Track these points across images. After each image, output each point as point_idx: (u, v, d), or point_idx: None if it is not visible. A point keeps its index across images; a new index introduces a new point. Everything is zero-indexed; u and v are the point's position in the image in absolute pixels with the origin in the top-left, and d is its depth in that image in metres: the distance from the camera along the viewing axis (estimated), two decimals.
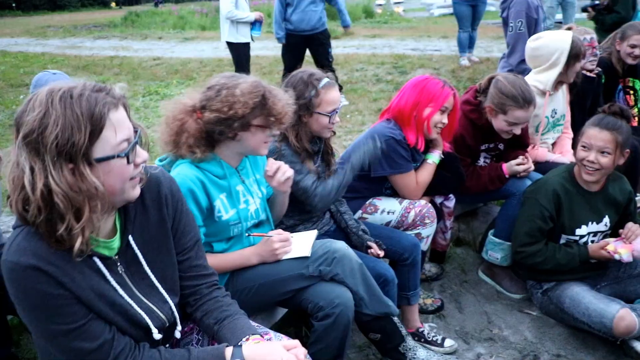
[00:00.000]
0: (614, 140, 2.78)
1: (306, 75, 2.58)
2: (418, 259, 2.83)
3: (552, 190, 2.92)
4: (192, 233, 1.84)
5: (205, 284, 1.87)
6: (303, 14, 6.95)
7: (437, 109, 2.85)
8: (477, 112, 3.24)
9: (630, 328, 2.64)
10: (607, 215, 2.98)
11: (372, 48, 11.80)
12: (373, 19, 19.39)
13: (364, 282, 2.28)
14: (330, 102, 2.57)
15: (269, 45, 12.04)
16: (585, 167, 2.86)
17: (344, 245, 2.29)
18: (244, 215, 2.27)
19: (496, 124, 3.17)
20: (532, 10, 4.93)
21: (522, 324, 3.08)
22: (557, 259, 2.92)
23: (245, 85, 2.08)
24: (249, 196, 2.31)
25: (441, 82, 2.88)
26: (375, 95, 7.83)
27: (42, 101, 1.38)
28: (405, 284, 2.83)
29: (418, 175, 2.99)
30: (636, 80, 4.38)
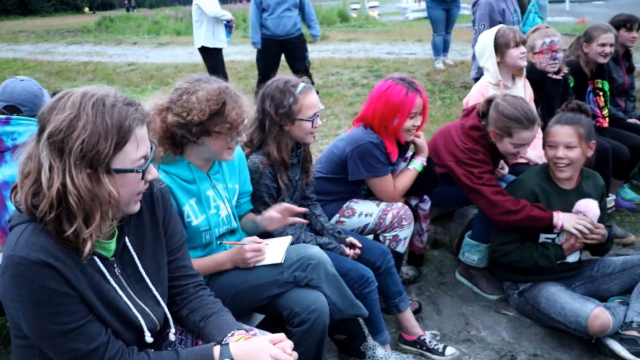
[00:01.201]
0: (576, 133, 2.87)
1: (281, 83, 2.56)
2: (391, 265, 2.82)
3: (530, 189, 2.97)
4: (180, 234, 1.87)
5: (191, 283, 1.89)
6: (278, 19, 6.95)
7: (404, 118, 2.86)
8: (478, 129, 3.13)
9: (604, 326, 2.69)
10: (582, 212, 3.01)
11: (348, 52, 11.83)
12: (348, 23, 19.47)
13: (338, 287, 2.29)
14: (311, 106, 2.56)
15: (244, 50, 12.01)
16: (557, 165, 2.92)
17: (318, 251, 2.29)
18: (214, 221, 2.26)
19: (502, 147, 3.07)
20: (495, 13, 5.00)
21: (499, 325, 3.10)
22: (534, 258, 2.96)
23: (203, 93, 2.07)
24: (219, 201, 2.30)
25: (404, 88, 2.85)
26: (351, 99, 7.85)
27: (74, 103, 1.41)
28: (389, 293, 2.83)
29: (398, 181, 3.00)
30: (605, 82, 4.46)
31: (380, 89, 2.94)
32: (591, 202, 2.96)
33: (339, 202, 3.03)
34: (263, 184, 2.53)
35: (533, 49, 3.92)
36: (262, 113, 2.57)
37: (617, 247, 3.88)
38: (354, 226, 3.00)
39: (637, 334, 2.73)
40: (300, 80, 2.60)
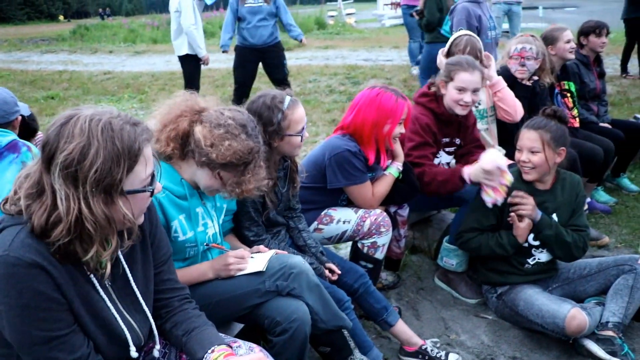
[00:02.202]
0: (540, 139, 2.92)
1: (268, 99, 2.51)
2: (369, 286, 2.81)
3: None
4: (166, 247, 1.87)
5: (177, 297, 1.88)
6: (254, 29, 6.93)
7: (395, 124, 2.89)
8: (434, 101, 3.32)
9: (581, 327, 2.73)
10: (554, 213, 3.05)
11: (325, 59, 11.88)
12: (325, 30, 19.58)
13: (320, 297, 2.28)
14: (299, 120, 2.55)
15: (221, 57, 11.96)
16: (522, 167, 3.00)
17: (300, 260, 2.28)
18: (201, 238, 2.24)
19: (448, 97, 3.25)
20: (472, 19, 5.07)
21: (478, 329, 3.13)
22: (491, 246, 3.02)
23: (237, 145, 2.04)
24: (208, 219, 2.28)
25: (393, 95, 2.90)
26: (328, 106, 7.87)
27: (83, 130, 1.40)
28: (374, 311, 2.81)
29: (376, 187, 3.01)
30: (570, 83, 4.55)
31: (369, 96, 2.93)
32: (492, 152, 3.05)
33: (317, 210, 3.03)
34: (249, 200, 2.49)
35: (507, 54, 4.00)
36: None
37: (593, 248, 3.93)
38: (332, 233, 3.00)
39: (612, 333, 2.77)
40: (284, 93, 2.56)
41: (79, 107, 1.48)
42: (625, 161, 4.93)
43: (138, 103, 8.92)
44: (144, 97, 9.19)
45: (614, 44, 10.77)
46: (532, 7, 28.92)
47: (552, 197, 3.06)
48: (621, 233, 4.21)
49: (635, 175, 5.27)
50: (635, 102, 7.68)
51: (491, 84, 3.80)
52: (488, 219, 3.06)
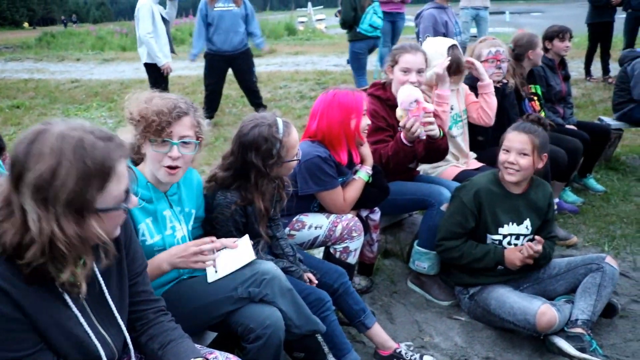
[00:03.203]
0: (531, 142, 2.96)
1: (265, 130, 2.43)
2: (348, 286, 2.81)
3: (475, 190, 3.05)
4: (141, 259, 1.84)
5: (152, 309, 1.85)
6: (224, 34, 6.88)
7: (360, 116, 2.92)
8: (381, 88, 3.48)
9: (551, 322, 2.79)
10: (528, 218, 3.11)
11: (295, 65, 11.89)
12: (295, 36, 19.61)
13: (293, 302, 2.27)
14: (294, 144, 2.53)
15: (191, 65, 11.87)
16: (507, 169, 3.01)
17: (272, 266, 2.27)
18: (169, 241, 2.22)
19: (395, 81, 3.37)
20: (439, 25, 5.14)
21: (452, 330, 3.15)
22: (473, 254, 3.04)
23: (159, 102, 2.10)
24: (176, 222, 2.26)
25: (349, 90, 2.94)
26: (299, 112, 7.88)
27: (53, 149, 1.35)
28: (352, 313, 2.82)
29: (346, 192, 3.01)
30: (537, 86, 4.65)
31: (326, 100, 2.97)
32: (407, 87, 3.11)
33: (289, 216, 3.02)
34: (232, 220, 2.46)
35: (479, 58, 4.06)
36: (244, 162, 2.45)
37: (562, 248, 4.01)
38: (304, 239, 3.00)
39: (582, 330, 2.83)
40: (274, 117, 2.51)
41: (49, 121, 1.43)
42: (591, 162, 5.04)
43: (107, 112, 8.80)
44: (113, 105, 9.07)
45: (578, 48, 11.01)
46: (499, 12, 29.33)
47: (526, 202, 3.11)
48: (588, 232, 4.29)
49: (601, 176, 5.40)
50: (600, 104, 7.86)
51: (481, 85, 3.86)
52: (468, 221, 3.06)
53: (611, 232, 4.28)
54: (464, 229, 3.08)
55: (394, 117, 3.30)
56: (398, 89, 3.31)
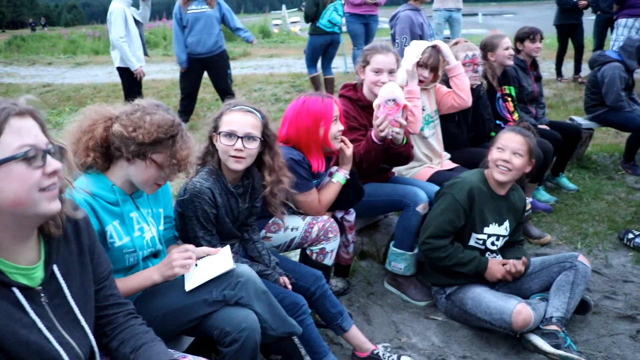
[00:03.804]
0: (527, 144, 3.02)
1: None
2: (326, 289, 2.81)
3: (469, 188, 3.06)
4: (106, 263, 1.81)
5: (121, 312, 1.83)
6: (199, 36, 6.82)
7: (329, 124, 2.91)
8: (352, 89, 3.48)
9: (527, 321, 2.82)
10: (507, 220, 3.15)
11: (270, 68, 11.87)
12: (270, 38, 19.58)
13: (268, 304, 2.26)
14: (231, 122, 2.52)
15: (165, 68, 11.84)
16: (499, 167, 3.04)
17: (247, 269, 2.26)
18: (139, 243, 2.19)
19: (367, 80, 3.38)
20: (415, 27, 5.17)
21: (428, 330, 3.16)
22: (460, 257, 3.05)
23: (158, 118, 2.05)
24: (144, 224, 2.24)
25: (319, 97, 2.94)
26: (274, 115, 7.85)
27: None
28: (329, 316, 2.81)
29: (322, 194, 3.01)
30: (511, 87, 4.70)
31: (295, 106, 2.98)
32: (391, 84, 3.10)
33: (264, 218, 3.01)
34: (201, 209, 2.46)
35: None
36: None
37: (536, 247, 4.06)
38: (280, 241, 2.99)
39: (556, 328, 2.86)
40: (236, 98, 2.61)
41: None
42: (563, 161, 5.12)
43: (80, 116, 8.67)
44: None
45: (549, 49, 11.17)
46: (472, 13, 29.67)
47: (507, 204, 3.15)
48: (562, 230, 4.35)
49: (573, 175, 5.48)
50: (571, 104, 7.99)
51: (449, 68, 3.86)
52: (460, 219, 3.06)
53: (584, 230, 4.34)
54: (454, 227, 3.08)
55: (365, 117, 3.31)
56: (370, 89, 3.33)
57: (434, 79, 3.86)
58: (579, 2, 8.61)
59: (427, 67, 3.73)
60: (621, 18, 7.53)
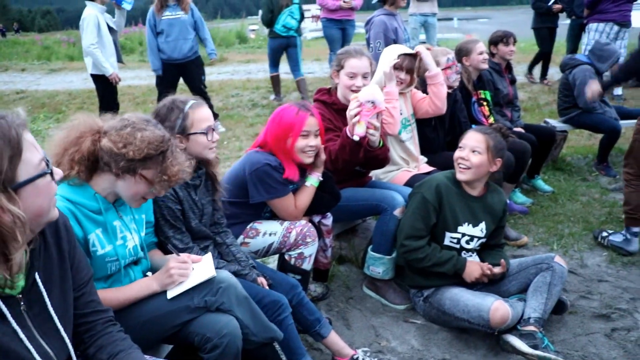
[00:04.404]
0: (485, 141, 3.04)
1: (169, 101, 2.54)
2: (302, 297, 2.80)
3: (435, 185, 3.10)
4: (86, 269, 1.79)
5: (100, 319, 1.80)
6: (174, 42, 6.84)
7: (296, 136, 2.89)
8: (326, 93, 3.49)
9: (504, 317, 2.85)
10: (484, 221, 3.16)
11: (247, 73, 11.84)
12: (247, 44, 19.56)
13: (250, 310, 2.26)
14: (203, 119, 2.53)
15: (141, 74, 11.75)
16: (459, 165, 3.07)
17: (228, 275, 2.25)
18: (121, 252, 2.17)
19: (341, 84, 3.39)
20: (389, 31, 5.19)
21: (408, 334, 3.17)
22: (438, 257, 3.07)
23: (148, 134, 2.04)
24: (126, 232, 2.21)
25: (296, 107, 2.92)
26: (251, 120, 7.84)
27: None
28: (307, 323, 2.81)
29: (297, 199, 3.00)
30: (486, 92, 4.75)
31: (274, 113, 2.99)
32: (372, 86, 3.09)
33: (242, 224, 3.00)
34: (166, 207, 2.46)
35: (437, 66, 4.13)
36: None
37: (513, 248, 4.09)
38: (258, 247, 2.97)
39: (534, 328, 2.90)
40: (189, 98, 2.57)
41: None
42: (538, 163, 5.18)
43: (55, 123, 8.54)
44: (61, 117, 8.81)
45: (524, 53, 11.32)
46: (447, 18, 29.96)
47: (482, 205, 3.17)
48: (538, 232, 4.40)
49: (548, 177, 5.55)
50: (545, 107, 8.10)
51: (429, 75, 3.87)
52: (430, 217, 3.08)
53: (559, 231, 4.40)
54: (426, 225, 3.09)
55: (340, 120, 3.32)
56: (344, 94, 3.35)
57: (410, 82, 3.88)
58: (552, 6, 8.75)
59: (403, 69, 3.75)
60: (592, 23, 7.66)
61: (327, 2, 8.48)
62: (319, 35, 18.72)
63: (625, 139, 4.95)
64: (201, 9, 7.14)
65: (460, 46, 4.71)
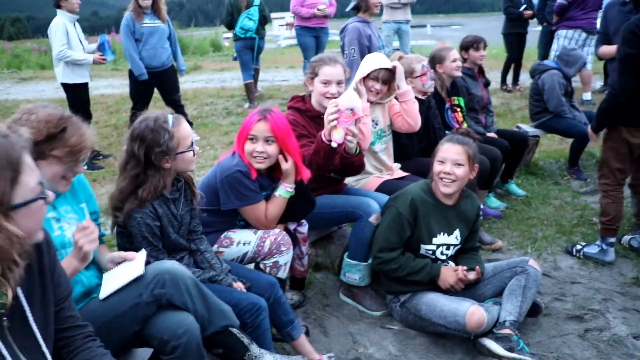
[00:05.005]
0: (465, 152, 3.06)
1: (152, 122, 2.46)
2: (280, 296, 2.80)
3: (411, 199, 3.09)
4: (65, 283, 1.77)
5: (80, 335, 1.79)
6: (153, 50, 6.80)
7: (242, 140, 2.90)
8: (300, 101, 3.48)
9: (480, 322, 2.87)
10: (458, 229, 3.20)
11: (221, 81, 11.78)
12: (221, 52, 19.48)
13: (201, 298, 2.23)
14: (187, 135, 2.52)
15: (114, 83, 11.62)
16: (443, 180, 3.07)
17: (174, 264, 2.23)
18: (59, 241, 2.16)
19: (315, 92, 3.40)
20: (363, 38, 5.21)
21: (385, 340, 3.16)
22: (412, 266, 3.08)
23: (43, 114, 2.06)
24: (64, 222, 2.21)
25: (256, 111, 2.92)
26: (226, 129, 7.79)
27: None
28: (280, 323, 2.80)
29: (268, 209, 2.98)
30: (460, 98, 4.80)
31: None
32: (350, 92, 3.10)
33: (216, 233, 2.98)
34: (144, 224, 2.43)
35: (413, 74, 4.17)
36: (137, 161, 2.45)
37: (487, 252, 4.13)
38: (233, 255, 2.95)
39: (509, 331, 2.92)
40: (165, 113, 2.53)
41: None
42: (512, 168, 5.25)
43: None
44: None
45: (496, 59, 11.47)
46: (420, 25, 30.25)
47: (456, 213, 3.20)
48: (512, 236, 4.45)
49: (521, 181, 5.62)
50: (518, 112, 8.20)
51: (400, 93, 3.87)
52: (405, 231, 3.10)
53: (533, 234, 4.45)
54: (400, 239, 3.11)
55: (314, 127, 3.32)
56: (318, 101, 3.36)
57: (388, 92, 3.89)
58: (524, 12, 8.91)
59: (379, 80, 3.75)
60: (561, 29, 7.81)
61: (300, 10, 8.50)
62: (293, 43, 18.76)
63: (596, 143, 5.03)
64: (175, 17, 7.14)
65: (434, 54, 4.76)
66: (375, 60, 3.79)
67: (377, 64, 3.73)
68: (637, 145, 3.70)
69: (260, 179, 2.94)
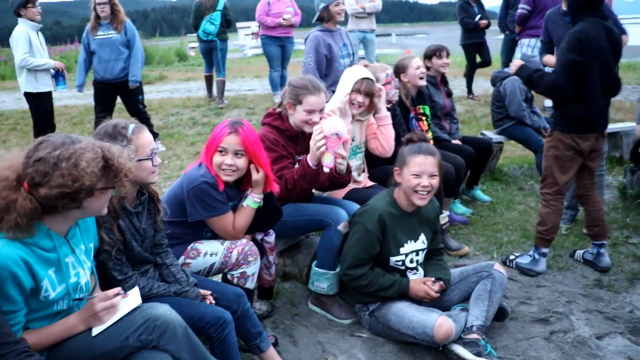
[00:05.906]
0: (437, 162, 3.08)
1: (110, 127, 2.43)
2: (247, 308, 2.77)
3: (379, 215, 3.09)
4: None
5: (12, 352, 1.71)
6: (106, 63, 6.81)
7: (210, 152, 2.89)
8: (279, 119, 3.44)
9: (448, 333, 2.88)
10: (422, 233, 3.22)
11: (187, 91, 11.70)
12: (187, 62, 19.36)
13: (188, 345, 2.17)
14: (146, 144, 2.48)
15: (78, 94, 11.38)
16: (419, 193, 3.05)
17: (165, 310, 2.17)
18: (73, 286, 2.09)
19: (296, 117, 3.37)
20: (321, 47, 5.21)
21: (354, 348, 3.16)
22: (381, 283, 3.09)
23: (89, 155, 1.92)
24: (79, 268, 2.13)
25: (226, 123, 2.91)
26: (192, 139, 7.74)
27: None
28: (248, 335, 2.78)
29: (235, 219, 2.96)
30: (425, 107, 4.85)
31: None
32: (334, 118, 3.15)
33: (183, 244, 2.95)
34: (106, 241, 2.38)
35: (377, 82, 4.18)
36: None
37: (455, 258, 4.17)
38: (200, 267, 2.92)
39: (477, 336, 2.94)
40: (128, 121, 2.51)
41: None
42: (477, 174, 5.32)
43: None
44: None
45: (460, 67, 11.64)
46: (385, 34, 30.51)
47: (419, 218, 3.22)
48: (478, 241, 4.50)
49: (486, 187, 5.70)
50: (482, 119, 8.33)
51: (379, 117, 3.91)
52: (374, 247, 3.10)
53: (499, 239, 4.51)
54: (369, 255, 3.12)
55: (292, 147, 3.32)
56: (299, 125, 3.36)
57: (369, 108, 3.90)
58: (479, 22, 9.11)
59: (361, 92, 3.76)
60: (523, 38, 7.96)
61: (266, 20, 8.51)
62: (259, 52, 18.75)
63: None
64: (140, 27, 7.05)
65: (397, 63, 4.81)
66: (354, 73, 3.81)
67: (357, 75, 3.77)
68: (587, 149, 3.72)
69: (227, 189, 2.93)
